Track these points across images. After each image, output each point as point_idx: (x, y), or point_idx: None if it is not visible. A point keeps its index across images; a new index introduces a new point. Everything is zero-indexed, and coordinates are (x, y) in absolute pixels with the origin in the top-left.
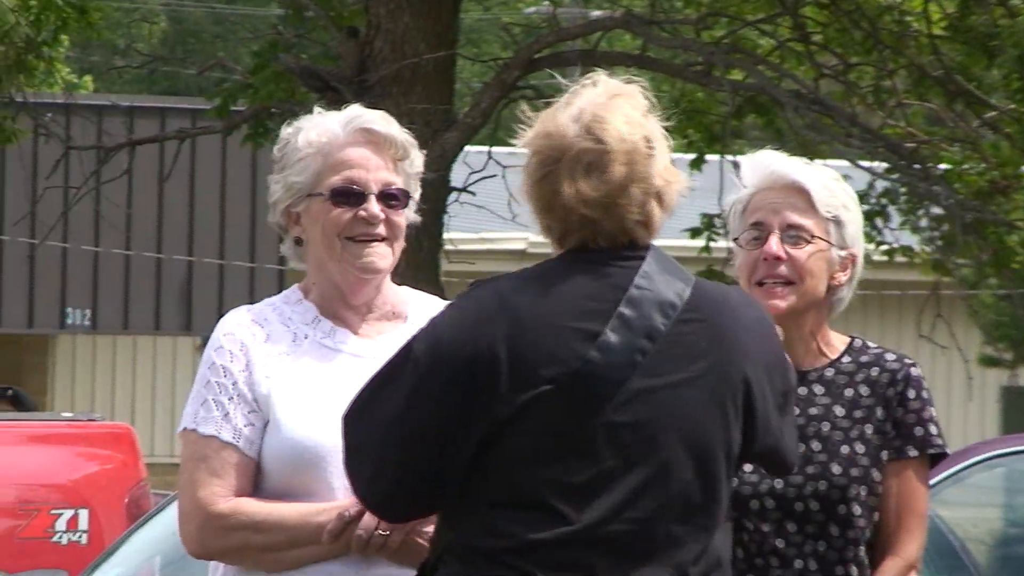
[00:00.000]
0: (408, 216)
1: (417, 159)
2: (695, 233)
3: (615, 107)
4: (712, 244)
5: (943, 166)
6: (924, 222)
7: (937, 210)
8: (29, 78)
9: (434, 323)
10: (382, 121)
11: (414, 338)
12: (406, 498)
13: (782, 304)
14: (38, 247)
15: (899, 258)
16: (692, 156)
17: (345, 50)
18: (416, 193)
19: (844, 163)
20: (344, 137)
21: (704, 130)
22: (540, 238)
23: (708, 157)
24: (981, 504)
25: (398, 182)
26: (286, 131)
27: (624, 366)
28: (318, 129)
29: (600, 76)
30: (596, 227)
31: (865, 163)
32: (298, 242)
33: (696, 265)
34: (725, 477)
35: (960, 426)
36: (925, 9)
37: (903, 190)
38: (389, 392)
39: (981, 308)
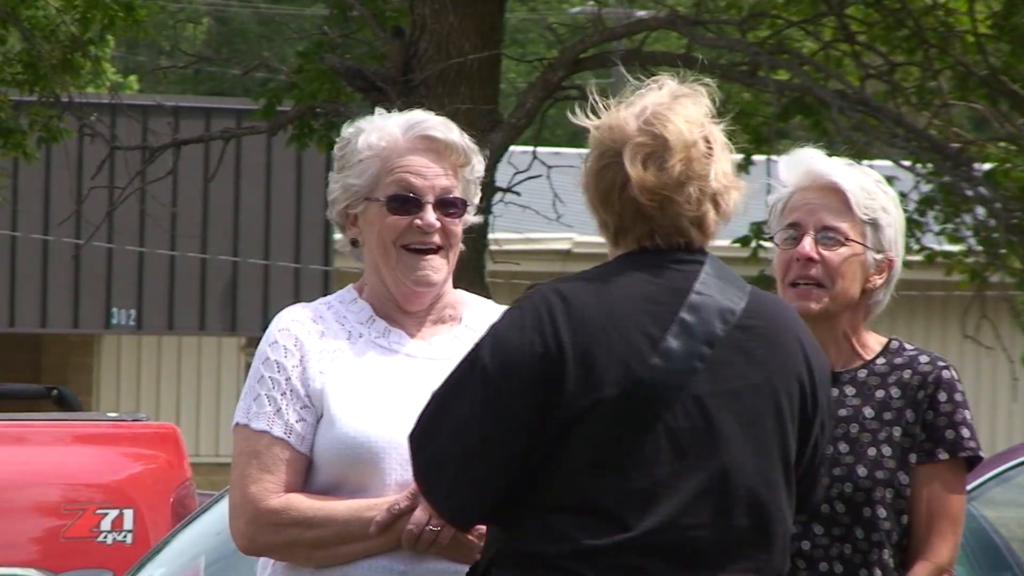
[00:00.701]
0: (467, 221)
1: (478, 164)
2: (744, 241)
3: (677, 106)
4: (762, 253)
5: (987, 166)
6: (964, 230)
7: (980, 211)
8: (75, 77)
9: (496, 329)
10: (443, 127)
11: (478, 346)
12: (484, 507)
13: (814, 306)
14: (83, 247)
15: (940, 261)
16: (738, 158)
17: (390, 50)
18: (476, 198)
19: (888, 164)
20: (404, 143)
21: (751, 132)
22: (585, 238)
23: (755, 158)
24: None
25: (456, 190)
26: (347, 130)
27: (685, 372)
28: (379, 133)
29: (667, 79)
30: (652, 223)
31: (908, 163)
32: (354, 243)
33: (745, 268)
34: (785, 485)
35: (1005, 426)
36: (970, 8)
37: (942, 195)
38: (459, 404)
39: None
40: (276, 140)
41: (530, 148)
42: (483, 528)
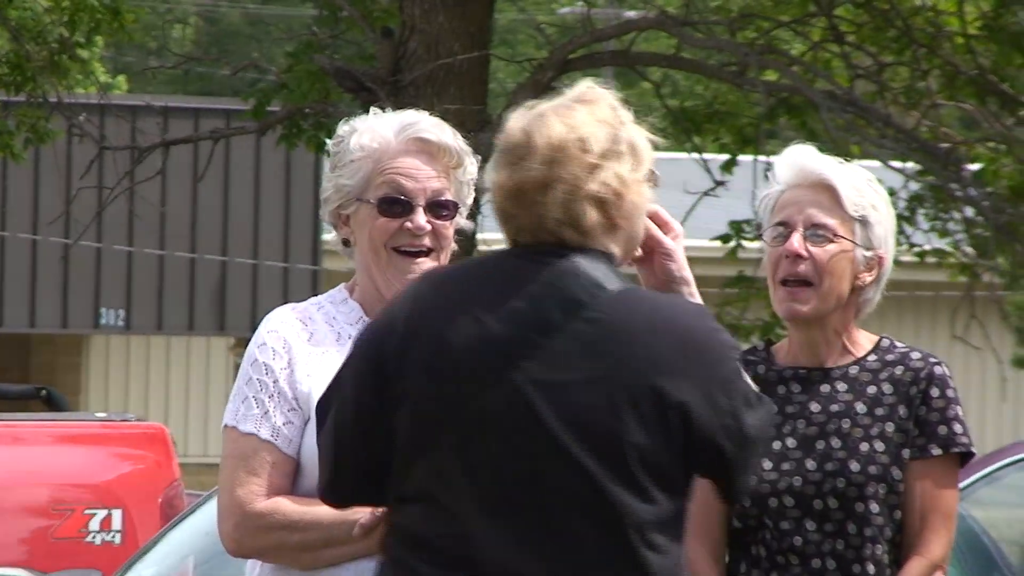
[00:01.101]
0: (459, 223)
1: (471, 166)
2: (724, 239)
3: (566, 110)
4: (741, 252)
5: (976, 166)
6: (953, 225)
7: (969, 211)
8: (63, 79)
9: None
10: (436, 129)
11: None
12: (345, 487)
13: (803, 308)
14: (72, 247)
15: (930, 259)
16: (724, 158)
17: (379, 50)
18: (469, 200)
19: (876, 164)
20: (396, 144)
21: (736, 132)
22: None
23: (741, 159)
24: (1015, 505)
25: (448, 192)
26: (342, 129)
27: (505, 356)
28: (371, 133)
29: (583, 84)
30: (515, 222)
31: (897, 164)
32: (346, 243)
33: (733, 266)
34: (629, 481)
35: (995, 427)
36: (960, 9)
37: (931, 193)
38: (334, 384)
39: (1014, 310)
40: (265, 140)
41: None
42: None
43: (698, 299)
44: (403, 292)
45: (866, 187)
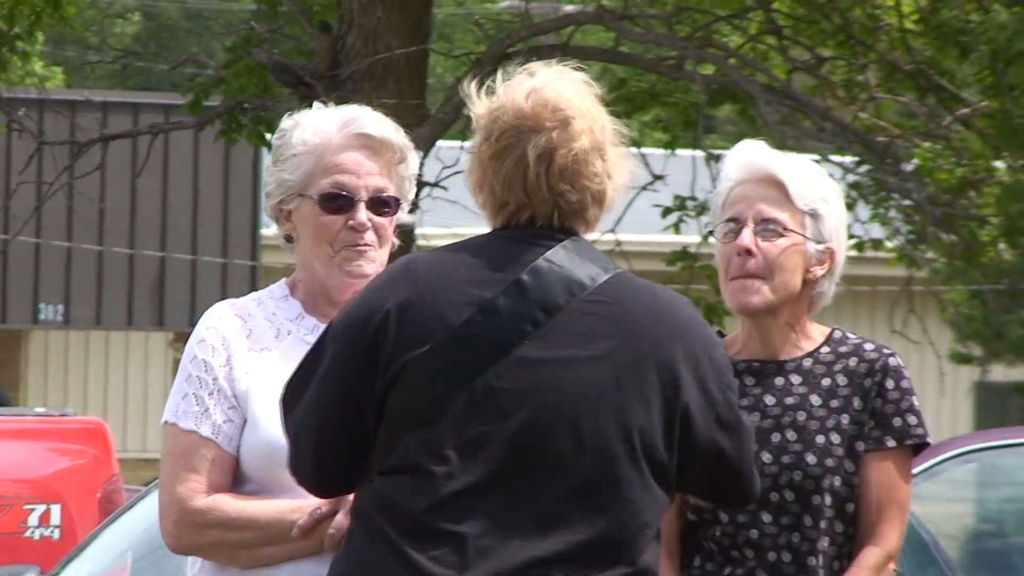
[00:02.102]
0: (400, 218)
1: (413, 161)
2: (666, 212)
3: (567, 85)
4: (686, 239)
5: (915, 161)
6: (894, 213)
7: (908, 204)
8: (3, 72)
9: (356, 294)
10: (378, 124)
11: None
12: (331, 474)
13: (755, 300)
14: (11, 242)
15: (870, 252)
16: (662, 153)
17: (317, 45)
18: (410, 195)
19: (815, 158)
20: (339, 139)
21: (679, 112)
22: None
23: (679, 152)
24: (954, 499)
25: (390, 188)
26: (285, 123)
27: (510, 331)
28: (313, 128)
29: (537, 67)
30: (537, 200)
31: (836, 158)
32: (288, 239)
33: (669, 248)
34: (631, 463)
35: (933, 422)
36: (897, 3)
37: (872, 184)
38: (311, 370)
39: (952, 304)
40: (204, 135)
41: (458, 143)
42: None
43: None
44: (381, 280)
45: (816, 180)
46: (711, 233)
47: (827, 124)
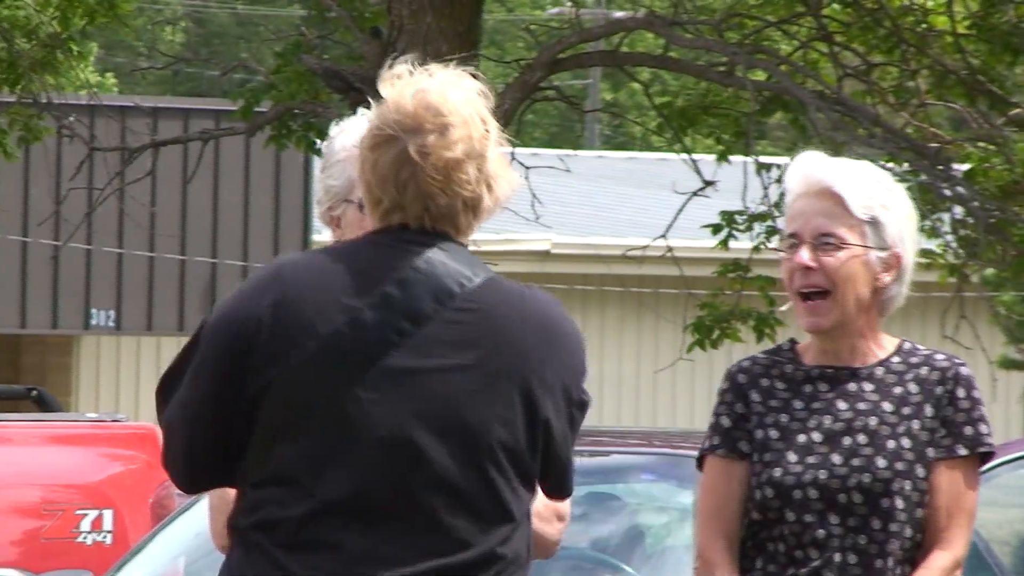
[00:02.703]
0: None
1: None
2: (716, 229)
3: (453, 86)
4: (735, 244)
5: (965, 166)
6: (942, 226)
7: (958, 211)
8: (55, 76)
9: (224, 298)
10: None
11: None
12: (202, 472)
13: (824, 322)
14: (62, 248)
15: (920, 259)
16: (713, 159)
17: (368, 51)
18: None
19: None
20: None
21: (731, 123)
22: (563, 238)
23: (734, 158)
24: (1007, 505)
25: None
26: (333, 130)
27: (377, 343)
28: (356, 134)
29: (435, 67)
30: (422, 201)
31: (889, 164)
32: None
33: (721, 265)
34: (498, 471)
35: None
36: (948, 8)
37: (920, 194)
38: (182, 367)
39: (1004, 309)
40: (254, 141)
41: (508, 149)
42: None
43: None
44: (258, 280)
45: (874, 186)
46: (778, 249)
47: (877, 130)
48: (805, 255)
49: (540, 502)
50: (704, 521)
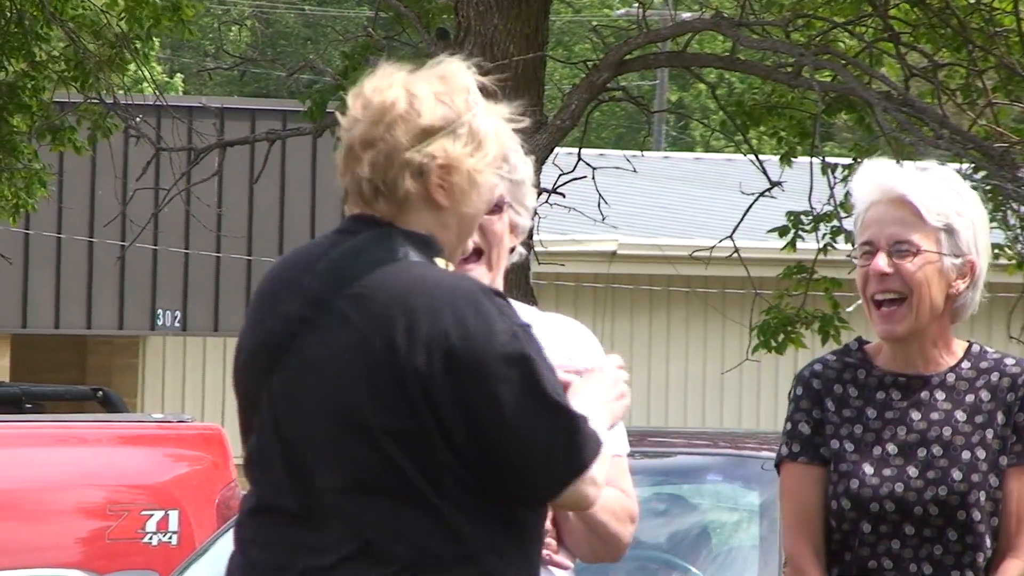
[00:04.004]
0: (514, 221)
1: (521, 165)
2: (782, 232)
3: (415, 80)
4: (800, 244)
5: None
6: (1012, 220)
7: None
8: (121, 74)
9: None
10: None
11: None
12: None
13: (899, 329)
14: (128, 249)
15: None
16: (780, 156)
17: (435, 52)
18: (526, 199)
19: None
20: None
21: (795, 124)
22: (630, 239)
23: (799, 160)
24: None
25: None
26: None
27: (287, 334)
28: None
29: (449, 63)
30: (343, 185)
31: (954, 165)
32: None
33: (783, 265)
34: (389, 452)
35: None
36: (1015, 7)
37: (988, 189)
38: None
39: None
40: (321, 142)
41: (575, 150)
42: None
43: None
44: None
45: (947, 193)
46: (851, 256)
47: (944, 131)
48: (882, 261)
49: (616, 501)
50: (791, 526)
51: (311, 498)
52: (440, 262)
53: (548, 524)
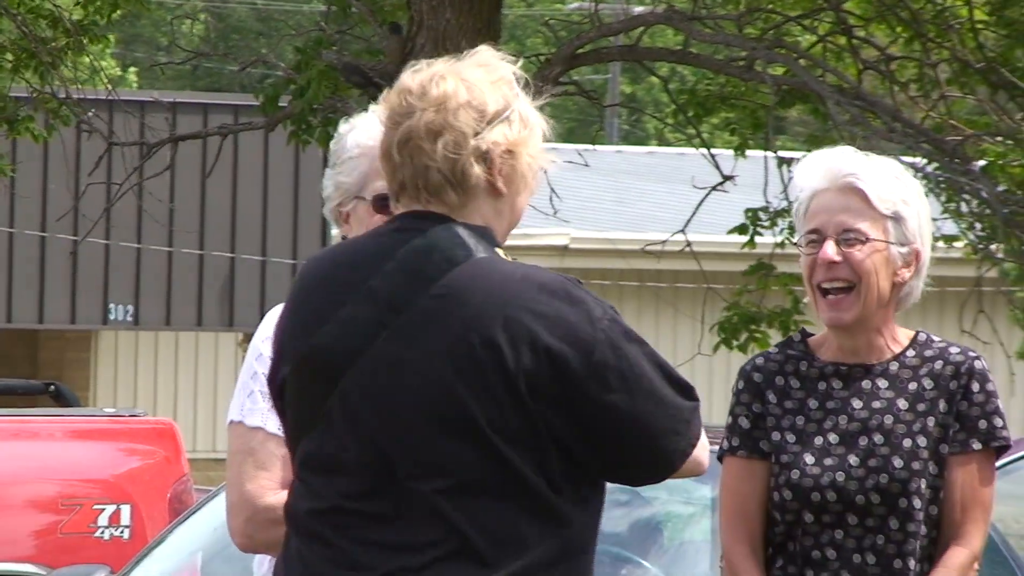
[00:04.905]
0: None
1: None
2: (742, 230)
3: (464, 69)
4: (759, 239)
5: (984, 160)
6: (965, 209)
7: (976, 205)
8: (76, 67)
9: None
10: None
11: None
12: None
13: (846, 316)
14: (80, 243)
15: (940, 251)
16: (732, 153)
17: (387, 46)
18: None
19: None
20: None
21: (748, 115)
22: (582, 233)
23: (750, 153)
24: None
25: None
26: (342, 127)
27: (362, 336)
28: (368, 131)
29: (484, 50)
30: (399, 177)
31: (906, 158)
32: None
33: (745, 260)
34: (490, 455)
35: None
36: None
37: (941, 182)
38: None
39: (1022, 304)
40: (273, 136)
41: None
42: None
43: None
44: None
45: (895, 182)
46: (795, 244)
47: (897, 124)
48: (831, 249)
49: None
50: (727, 522)
51: (400, 499)
52: (502, 253)
53: None
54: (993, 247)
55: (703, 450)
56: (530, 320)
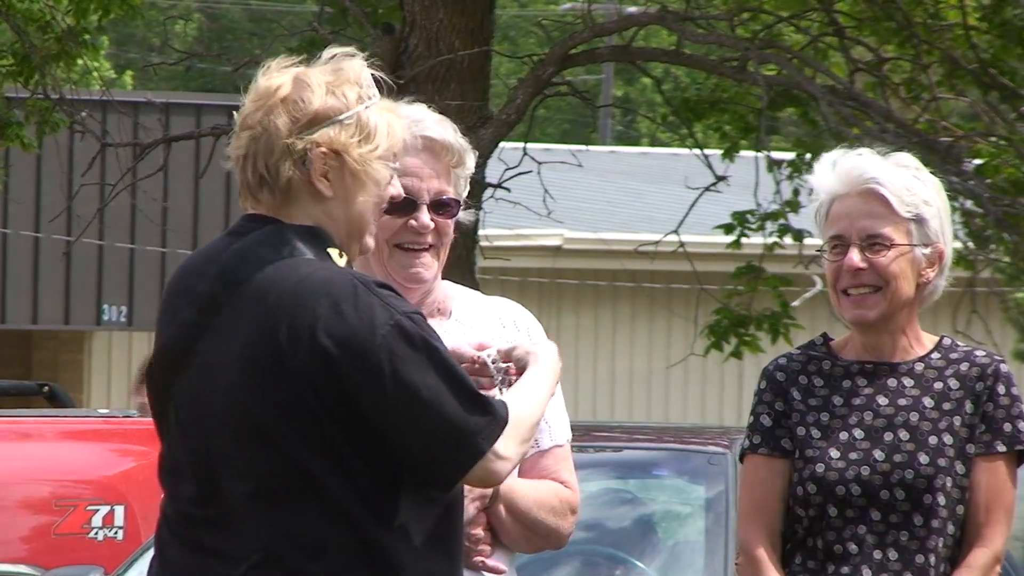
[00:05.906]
0: (459, 218)
1: (470, 162)
2: (728, 229)
3: (308, 72)
4: (746, 240)
5: (977, 160)
6: (956, 215)
7: (968, 204)
8: (70, 65)
9: None
10: (439, 127)
11: None
12: None
13: (871, 314)
14: (74, 244)
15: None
16: (723, 151)
17: (380, 47)
18: (465, 193)
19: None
20: None
21: (738, 119)
22: (575, 234)
23: (742, 153)
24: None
25: (450, 191)
26: None
27: (188, 340)
28: None
29: (347, 56)
30: (239, 179)
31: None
32: None
33: (734, 261)
34: (292, 457)
35: None
36: (960, 1)
37: None
38: None
39: (1015, 304)
40: None
41: (520, 144)
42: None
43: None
44: None
45: (914, 183)
46: (819, 251)
47: (889, 125)
48: (856, 256)
49: (553, 496)
50: (746, 517)
51: (222, 506)
52: (334, 253)
53: (480, 530)
54: (982, 250)
55: (501, 462)
56: (311, 321)
